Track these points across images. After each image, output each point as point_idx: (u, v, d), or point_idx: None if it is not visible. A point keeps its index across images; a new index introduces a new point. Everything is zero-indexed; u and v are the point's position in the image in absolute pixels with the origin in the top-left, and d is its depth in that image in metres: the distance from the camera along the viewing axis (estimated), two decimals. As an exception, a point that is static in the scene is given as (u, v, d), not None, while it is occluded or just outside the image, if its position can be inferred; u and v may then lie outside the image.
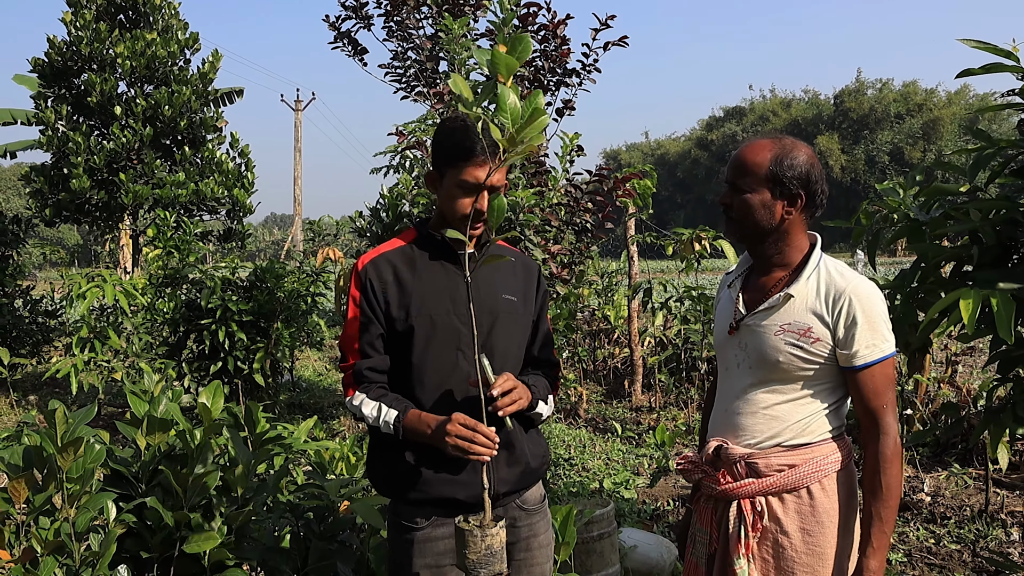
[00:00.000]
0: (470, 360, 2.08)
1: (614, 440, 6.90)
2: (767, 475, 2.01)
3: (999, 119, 48.95)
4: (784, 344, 1.98)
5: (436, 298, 2.09)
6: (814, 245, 2.06)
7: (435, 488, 2.07)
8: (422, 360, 2.09)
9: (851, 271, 2.00)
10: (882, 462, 1.94)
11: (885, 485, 1.94)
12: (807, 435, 2.01)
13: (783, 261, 2.06)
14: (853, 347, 1.93)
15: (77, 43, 13.00)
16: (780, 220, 2.00)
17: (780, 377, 2.01)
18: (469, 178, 2.04)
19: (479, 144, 2.02)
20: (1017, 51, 2.45)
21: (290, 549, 2.65)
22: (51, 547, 2.16)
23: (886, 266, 25.10)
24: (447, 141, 2.08)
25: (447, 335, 2.08)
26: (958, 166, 2.77)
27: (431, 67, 6.44)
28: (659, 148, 76.85)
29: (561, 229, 5.26)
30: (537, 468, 2.22)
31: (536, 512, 2.24)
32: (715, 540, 2.12)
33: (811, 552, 2.00)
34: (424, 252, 2.16)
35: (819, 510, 2.00)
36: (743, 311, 2.08)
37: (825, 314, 1.96)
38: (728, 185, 2.05)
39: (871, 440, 1.97)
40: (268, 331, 7.42)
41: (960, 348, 9.74)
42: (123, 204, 13.06)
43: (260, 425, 2.71)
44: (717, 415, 2.16)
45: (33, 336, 9.69)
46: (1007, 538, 4.40)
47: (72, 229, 45.25)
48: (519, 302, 2.20)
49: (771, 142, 2.01)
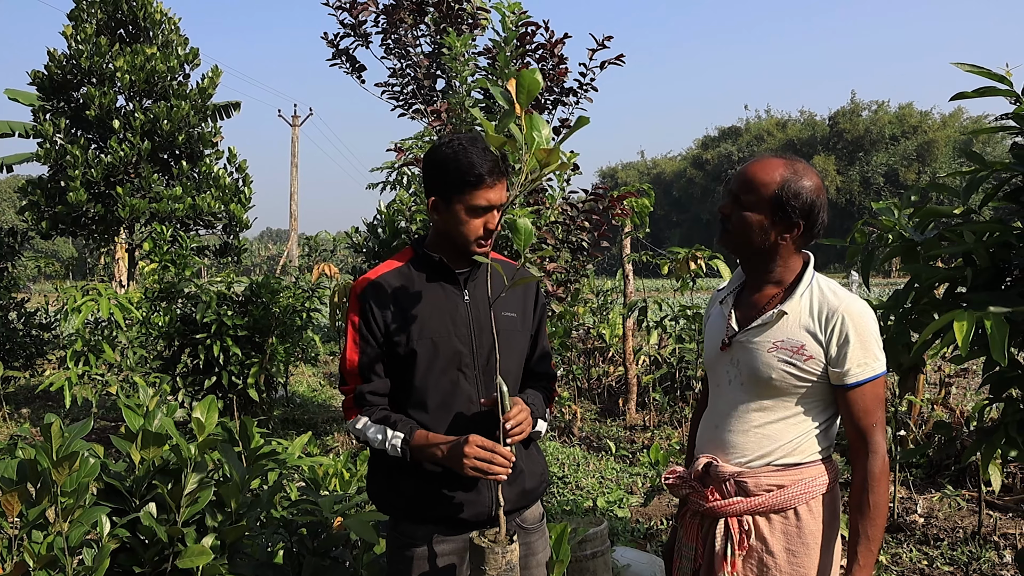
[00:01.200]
0: (471, 381, 2.10)
1: (608, 458, 6.89)
2: (756, 494, 2.01)
3: (992, 142, 49.26)
4: (777, 361, 1.98)
5: (437, 320, 2.09)
6: (807, 264, 2.06)
7: (439, 507, 2.08)
8: (424, 382, 2.09)
9: (844, 290, 2.01)
10: (871, 480, 1.95)
11: (873, 503, 1.94)
12: (797, 455, 2.02)
13: (775, 279, 2.06)
14: (845, 365, 1.94)
15: (77, 56, 13.04)
16: (774, 243, 2.01)
17: (772, 394, 2.01)
18: (481, 202, 2.04)
19: (486, 167, 2.02)
20: (1010, 75, 2.48)
21: (283, 565, 2.64)
22: (44, 561, 2.15)
23: (880, 287, 25.18)
24: (451, 167, 2.04)
25: (448, 357, 2.09)
26: (952, 188, 2.79)
27: (428, 85, 6.48)
28: (655, 167, 77.15)
29: (557, 247, 5.28)
30: (535, 488, 2.23)
31: (535, 531, 2.25)
32: (700, 556, 2.12)
33: (795, 573, 2.01)
34: (422, 273, 2.15)
35: (805, 531, 2.01)
36: (735, 327, 2.09)
37: (818, 332, 1.96)
38: (731, 195, 2.04)
39: (860, 458, 1.98)
40: (263, 346, 7.41)
41: (954, 370, 9.76)
42: (120, 218, 13.05)
43: (254, 440, 2.71)
44: (707, 431, 2.16)
45: (27, 349, 9.65)
46: (1000, 560, 4.39)
47: (67, 242, 45.18)
48: (518, 318, 2.20)
49: (783, 163, 2.00)
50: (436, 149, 2.11)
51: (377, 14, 6.57)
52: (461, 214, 2.06)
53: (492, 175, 2.03)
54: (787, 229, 1.99)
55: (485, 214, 2.06)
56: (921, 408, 6.30)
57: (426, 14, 6.53)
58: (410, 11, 6.49)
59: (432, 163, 2.10)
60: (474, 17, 6.43)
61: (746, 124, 72.25)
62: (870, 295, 13.84)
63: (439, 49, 6.44)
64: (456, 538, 2.10)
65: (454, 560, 2.11)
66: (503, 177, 2.06)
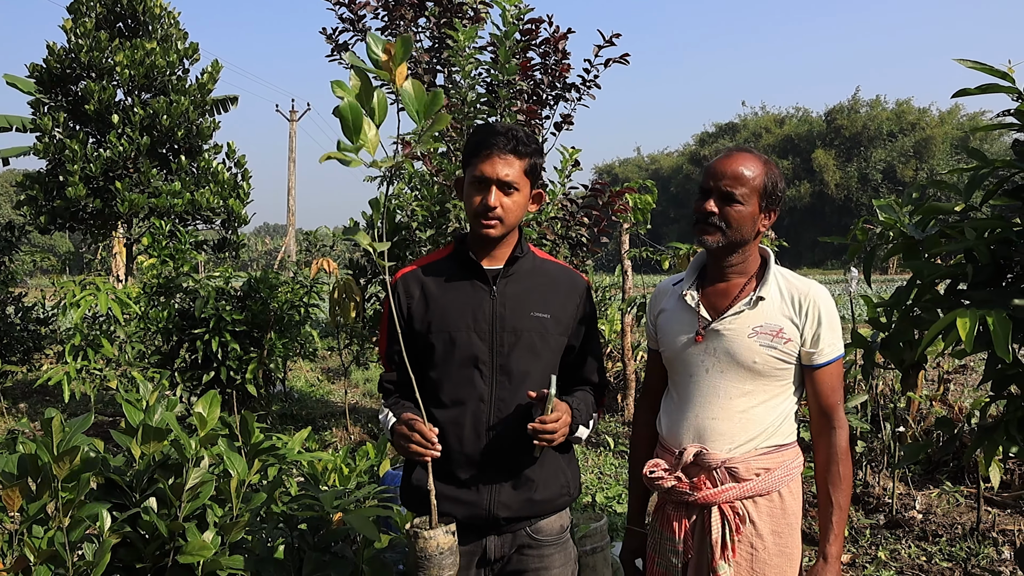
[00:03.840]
0: (487, 379, 2.08)
1: (607, 454, 6.90)
2: (746, 479, 2.06)
3: (990, 139, 49.31)
4: (759, 346, 2.05)
5: (458, 314, 2.09)
6: (765, 255, 2.16)
7: (438, 505, 2.07)
8: (440, 376, 2.09)
9: (802, 277, 2.14)
10: (839, 453, 2.07)
11: (843, 475, 2.07)
12: (779, 436, 2.10)
13: (744, 270, 2.13)
14: (819, 346, 2.06)
15: (77, 51, 12.99)
16: (757, 231, 2.10)
17: (754, 379, 2.07)
18: (477, 172, 2.05)
19: (489, 140, 2.04)
20: (1013, 72, 2.47)
21: (284, 560, 2.64)
22: (44, 556, 2.14)
23: (878, 284, 25.20)
24: (468, 140, 2.11)
25: (465, 352, 2.08)
26: (953, 185, 2.79)
27: (429, 80, 6.46)
28: (653, 163, 77.14)
29: (556, 243, 5.27)
30: (550, 499, 2.14)
31: (550, 544, 2.16)
32: (690, 548, 2.13)
33: (781, 553, 2.08)
34: (454, 268, 2.16)
35: (788, 512, 2.10)
36: (708, 317, 2.12)
37: (794, 316, 2.06)
38: (714, 193, 2.06)
39: (825, 434, 2.10)
40: (261, 341, 7.40)
41: (952, 366, 9.77)
42: (118, 212, 13.02)
43: (255, 436, 2.71)
44: (685, 421, 2.15)
45: (24, 343, 9.63)
46: (998, 556, 4.40)
47: (64, 236, 45.12)
48: (550, 320, 2.14)
49: (757, 157, 2.10)
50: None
51: (377, 7, 6.55)
52: (466, 187, 2.11)
53: (490, 148, 2.04)
54: (768, 216, 2.10)
55: (483, 187, 2.05)
56: (920, 404, 6.31)
57: (426, 9, 6.52)
58: (411, 6, 6.47)
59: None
60: (475, 11, 6.41)
61: (744, 120, 72.25)
62: (871, 291, 13.85)
63: (438, 44, 6.43)
64: (463, 543, 2.08)
65: (463, 562, 2.09)
66: (506, 154, 2.05)
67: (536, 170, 2.12)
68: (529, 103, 5.70)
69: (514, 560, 2.12)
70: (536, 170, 2.12)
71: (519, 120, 5.25)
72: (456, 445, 2.08)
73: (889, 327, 2.82)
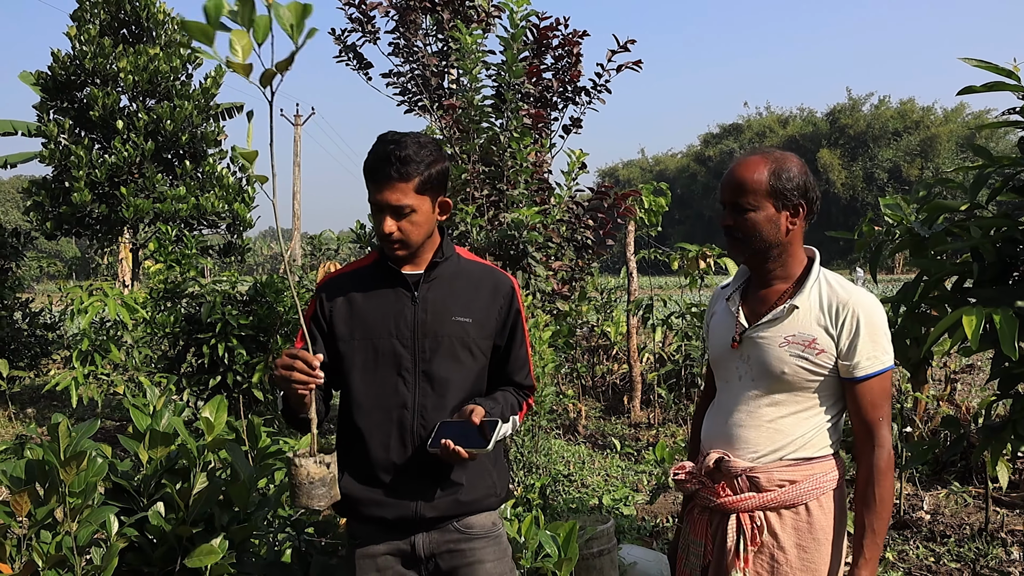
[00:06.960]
0: (410, 386, 2.07)
1: (613, 456, 6.89)
2: (768, 490, 2.01)
3: (995, 137, 49.16)
4: (789, 356, 1.98)
5: (380, 322, 2.08)
6: (812, 259, 2.07)
7: (366, 509, 2.09)
8: (364, 383, 2.08)
9: (851, 284, 2.02)
10: (876, 474, 1.96)
11: (879, 497, 1.96)
12: (809, 449, 2.02)
13: (784, 274, 2.07)
14: (855, 358, 1.95)
15: (81, 57, 13.06)
16: (786, 232, 2.01)
17: (784, 389, 2.01)
18: (372, 199, 2.02)
19: (375, 165, 1.98)
20: (1018, 70, 2.47)
21: (291, 564, 2.64)
22: (52, 561, 2.15)
23: (884, 282, 25.10)
24: (365, 158, 2.03)
25: (388, 359, 2.07)
26: (958, 183, 2.79)
27: (436, 82, 6.46)
28: (657, 164, 77.14)
29: (562, 246, 5.27)
30: (477, 500, 2.13)
31: (482, 538, 2.14)
32: (709, 552, 2.11)
33: (805, 568, 2.01)
34: (377, 275, 2.14)
35: (816, 527, 2.01)
36: (745, 324, 2.08)
37: (829, 325, 1.97)
38: (728, 206, 2.04)
39: (865, 452, 1.99)
40: (268, 345, 7.40)
41: (959, 366, 9.74)
42: (124, 218, 13.07)
43: (262, 440, 2.71)
44: (716, 427, 2.15)
45: (31, 349, 9.68)
46: (1007, 557, 4.38)
47: (71, 242, 45.27)
48: (472, 324, 2.11)
49: (763, 158, 2.02)
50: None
51: (388, 8, 6.53)
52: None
53: (376, 175, 1.98)
54: (793, 213, 2.00)
55: (379, 214, 2.01)
56: (926, 404, 6.29)
57: (436, 13, 6.51)
58: (422, 10, 6.46)
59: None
60: (487, 14, 6.40)
61: (747, 121, 72.19)
62: (876, 289, 13.83)
63: (447, 47, 6.43)
64: (389, 543, 2.09)
65: (391, 562, 2.10)
66: (392, 182, 1.96)
67: (432, 181, 2.01)
68: (537, 107, 5.70)
69: (446, 557, 2.10)
70: (432, 181, 2.01)
71: (525, 124, 5.23)
72: (381, 452, 2.06)
73: (895, 324, 2.81)
